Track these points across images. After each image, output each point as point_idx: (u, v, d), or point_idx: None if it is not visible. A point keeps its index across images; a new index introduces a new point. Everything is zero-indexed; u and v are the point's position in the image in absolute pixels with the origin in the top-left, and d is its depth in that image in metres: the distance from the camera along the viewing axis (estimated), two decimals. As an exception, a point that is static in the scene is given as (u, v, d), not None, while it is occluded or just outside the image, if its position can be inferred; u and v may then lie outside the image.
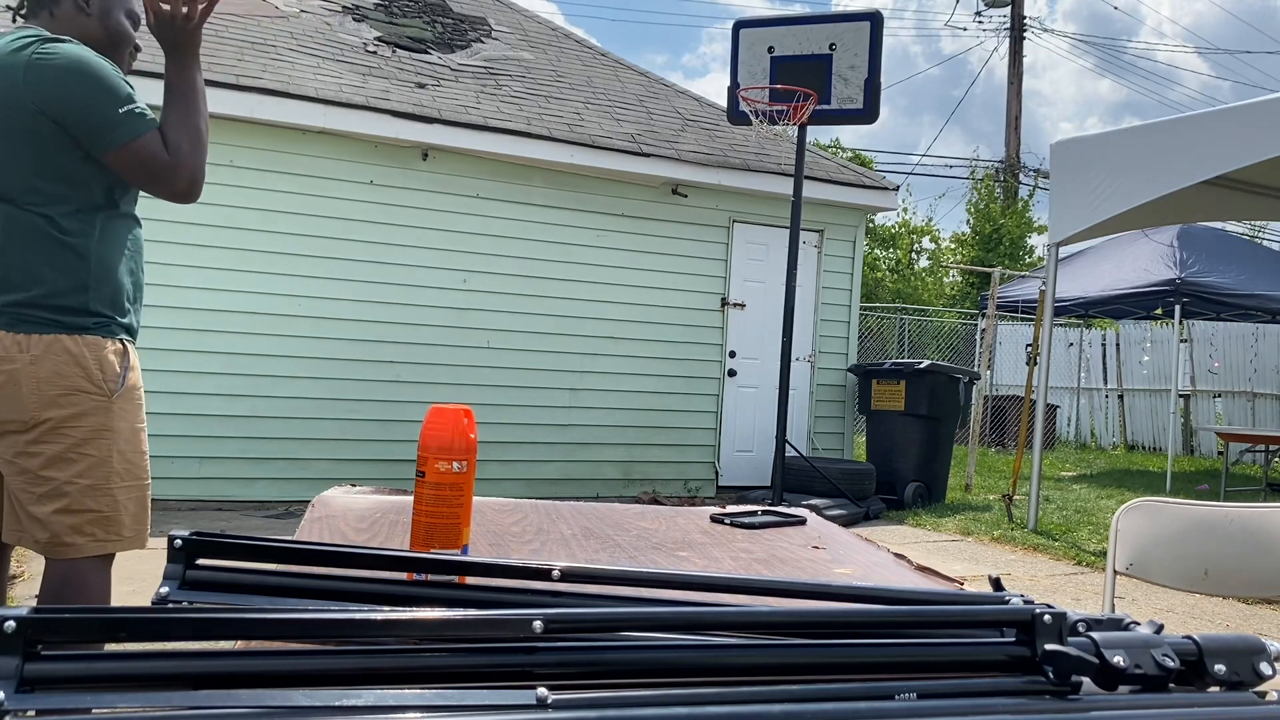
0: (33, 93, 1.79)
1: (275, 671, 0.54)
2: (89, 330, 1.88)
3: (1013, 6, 19.62)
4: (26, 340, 1.81)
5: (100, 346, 1.89)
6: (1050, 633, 0.63)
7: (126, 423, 1.93)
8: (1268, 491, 9.07)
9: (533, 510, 1.70)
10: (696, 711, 0.52)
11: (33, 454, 1.83)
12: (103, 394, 1.88)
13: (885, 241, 22.39)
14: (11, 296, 1.82)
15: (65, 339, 1.84)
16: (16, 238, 1.82)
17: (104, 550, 1.90)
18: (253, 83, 6.32)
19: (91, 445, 1.87)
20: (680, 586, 0.79)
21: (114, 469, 1.89)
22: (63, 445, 1.84)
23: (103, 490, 1.88)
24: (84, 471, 1.86)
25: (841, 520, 6.33)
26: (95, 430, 1.87)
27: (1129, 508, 2.23)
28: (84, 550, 1.87)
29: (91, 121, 1.81)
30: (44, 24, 1.94)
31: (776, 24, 6.12)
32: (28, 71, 1.79)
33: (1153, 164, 5.92)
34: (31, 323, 1.82)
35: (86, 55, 1.84)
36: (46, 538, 1.85)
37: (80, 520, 1.85)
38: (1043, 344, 6.67)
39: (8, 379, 1.80)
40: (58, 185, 1.83)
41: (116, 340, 1.92)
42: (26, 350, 1.81)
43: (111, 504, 1.89)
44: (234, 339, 6.39)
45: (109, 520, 1.89)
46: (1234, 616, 4.53)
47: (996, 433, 12.95)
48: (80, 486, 1.85)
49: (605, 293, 7.52)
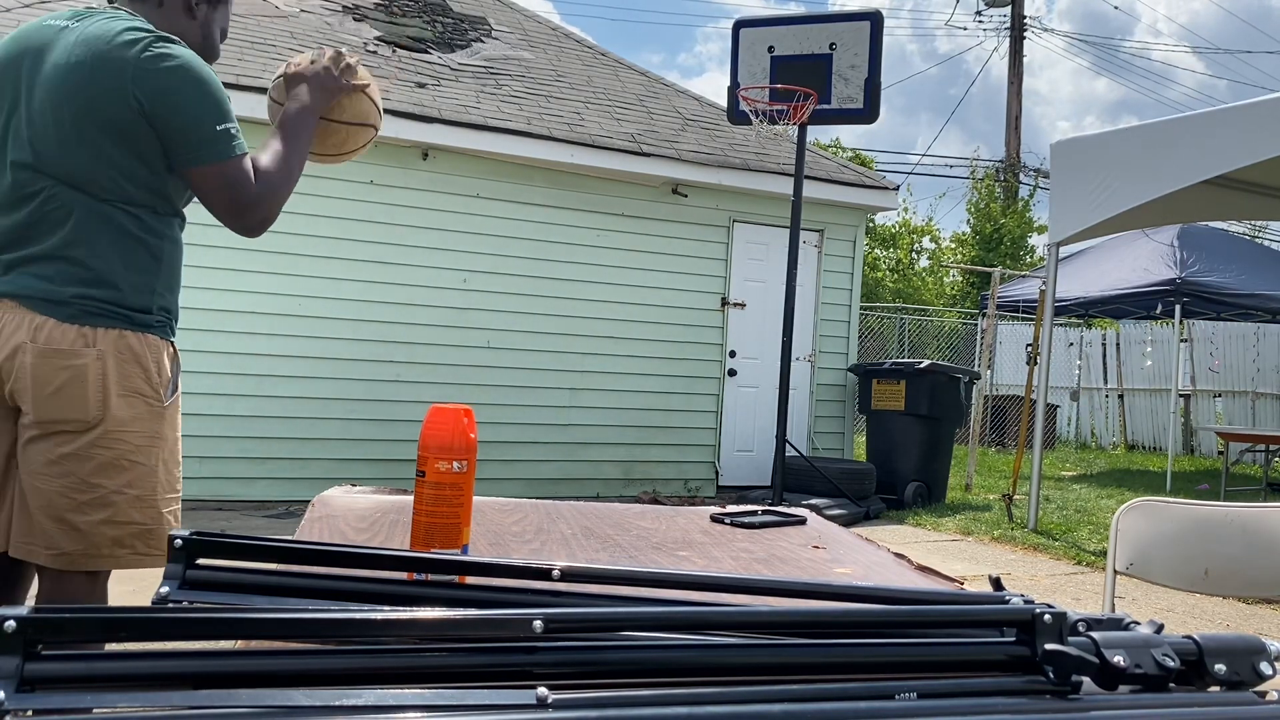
0: (140, 90, 1.70)
1: (275, 671, 0.54)
2: (152, 329, 1.78)
3: (1013, 6, 19.62)
4: (93, 334, 1.70)
5: (160, 348, 1.80)
6: (1050, 632, 0.63)
7: (173, 431, 1.83)
8: (1268, 491, 9.06)
9: (533, 510, 1.70)
10: (696, 711, 0.52)
11: (85, 457, 1.69)
12: (158, 398, 1.78)
13: (885, 241, 22.39)
14: (81, 290, 1.71)
15: (130, 335, 1.74)
16: (94, 230, 1.73)
17: (143, 565, 1.77)
18: (253, 82, 6.31)
19: (143, 453, 1.75)
20: (680, 586, 0.79)
21: (159, 480, 1.78)
22: (117, 451, 1.72)
23: (149, 502, 1.76)
24: (134, 481, 1.74)
25: (842, 520, 6.33)
26: (149, 437, 1.76)
27: (1129, 508, 2.23)
28: (122, 564, 1.74)
29: (188, 132, 1.73)
30: (148, 12, 1.85)
31: (776, 23, 6.12)
32: (138, 68, 1.70)
33: (1153, 164, 5.91)
34: (99, 315, 1.71)
35: (200, 64, 1.77)
36: (81, 549, 1.70)
37: (123, 532, 1.73)
38: (1043, 344, 6.67)
39: (73, 376, 1.68)
40: (141, 185, 1.75)
41: (170, 343, 1.84)
42: (93, 344, 1.70)
43: (155, 516, 1.77)
44: (234, 339, 6.39)
45: (150, 534, 1.77)
46: (1234, 616, 4.53)
47: (996, 433, 12.95)
48: (128, 497, 1.73)
49: (605, 293, 7.52)
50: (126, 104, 1.69)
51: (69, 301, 1.70)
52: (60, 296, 1.70)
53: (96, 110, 1.70)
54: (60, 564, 1.71)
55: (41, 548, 1.70)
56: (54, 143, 1.71)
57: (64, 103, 1.70)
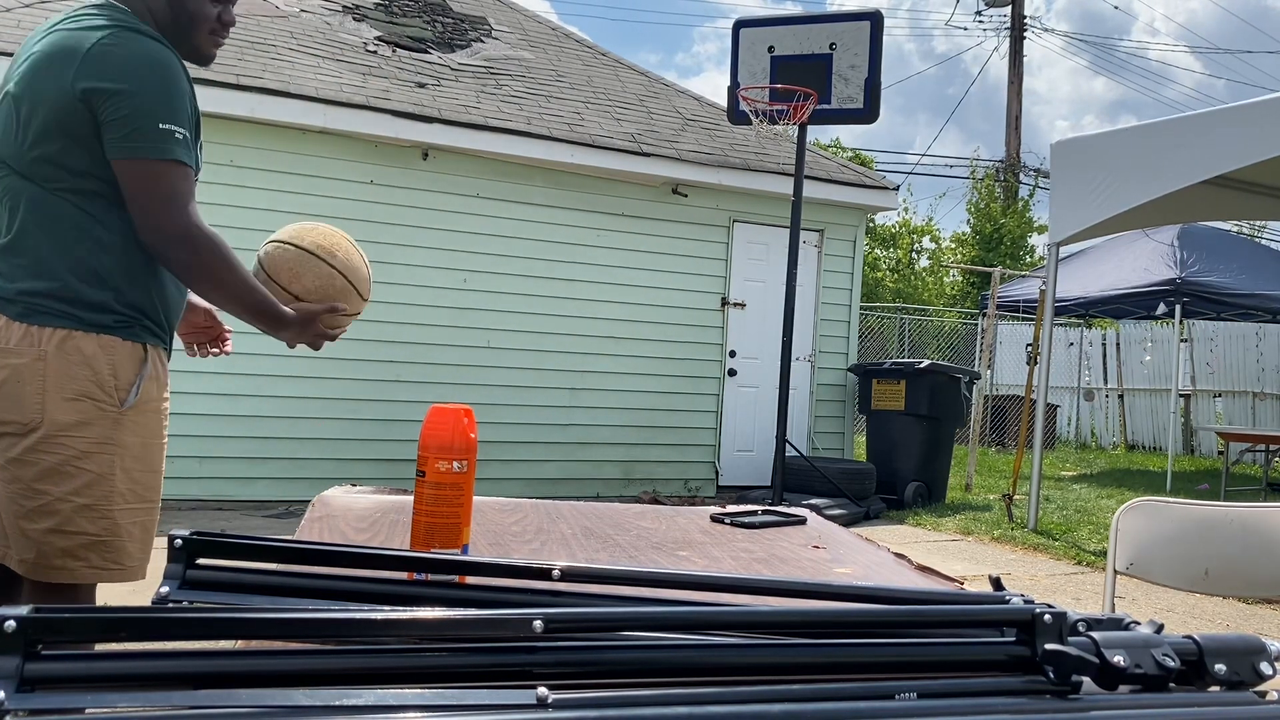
0: (84, 73, 1.62)
1: (275, 671, 0.54)
2: (108, 329, 1.68)
3: (1013, 6, 19.62)
4: (38, 333, 1.62)
5: (120, 349, 1.69)
6: (1050, 632, 0.63)
7: (138, 437, 1.72)
8: (1268, 491, 9.06)
9: (533, 510, 1.70)
10: (696, 711, 0.52)
11: (27, 462, 1.62)
12: (111, 402, 1.67)
13: (885, 241, 22.39)
14: (27, 284, 1.64)
15: (80, 336, 1.65)
16: (40, 221, 1.65)
17: (101, 579, 1.68)
18: (253, 82, 6.32)
19: (92, 460, 1.65)
20: (680, 586, 0.79)
21: (116, 488, 1.68)
22: (60, 456, 1.63)
23: (101, 511, 1.66)
24: (80, 489, 1.64)
25: (842, 520, 6.33)
26: (98, 443, 1.66)
27: (1129, 507, 2.23)
28: (78, 576, 1.65)
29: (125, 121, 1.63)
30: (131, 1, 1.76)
31: (776, 23, 6.12)
32: (88, 54, 1.63)
33: (1153, 164, 5.92)
34: (45, 314, 1.63)
35: (160, 59, 1.67)
36: (33, 557, 1.63)
37: (73, 543, 1.64)
38: (1043, 344, 6.67)
39: (10, 375, 1.61)
40: (94, 178, 1.66)
41: (138, 344, 1.72)
42: (36, 344, 1.62)
43: (110, 527, 1.67)
44: (234, 339, 6.37)
45: (107, 545, 1.67)
46: (1234, 616, 4.53)
47: (996, 433, 12.95)
48: (74, 505, 1.64)
49: (605, 293, 7.52)
50: (67, 88, 1.62)
51: (15, 299, 1.64)
52: (7, 293, 1.65)
53: (42, 96, 1.64)
54: (24, 572, 1.66)
55: (14, 553, 1.66)
56: (8, 132, 1.67)
57: (22, 94, 1.66)
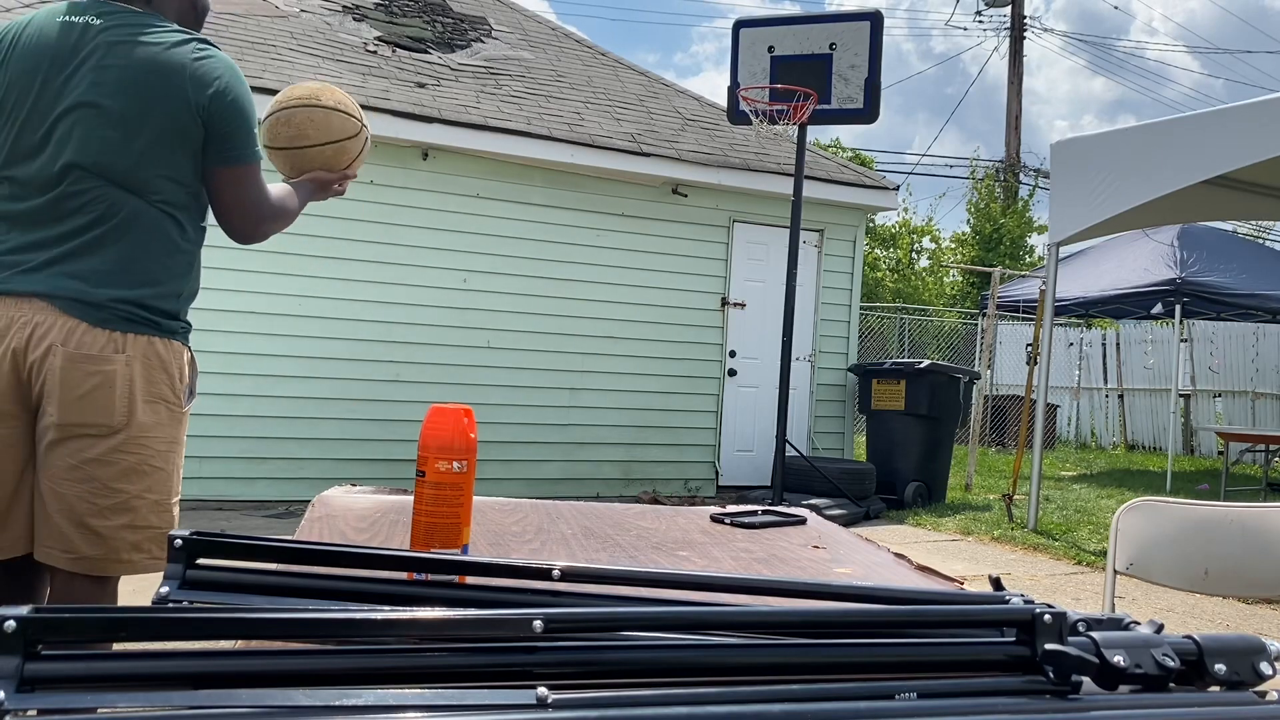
0: (198, 92, 1.75)
1: (275, 671, 0.54)
2: (176, 335, 1.82)
3: (1013, 6, 19.62)
4: (123, 339, 1.72)
5: (183, 354, 1.83)
6: (1050, 632, 0.63)
7: (185, 436, 1.87)
8: (1268, 491, 9.06)
9: (533, 510, 1.70)
10: (696, 711, 0.52)
11: (109, 462, 1.71)
12: (179, 404, 1.81)
13: (885, 241, 22.38)
14: (119, 292, 1.73)
15: (158, 342, 1.77)
16: (138, 232, 1.75)
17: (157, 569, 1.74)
18: (253, 82, 6.31)
19: (163, 458, 1.78)
20: (680, 586, 0.79)
21: (174, 485, 1.81)
22: (140, 456, 1.74)
23: (165, 506, 1.79)
24: (154, 486, 1.76)
25: (842, 520, 6.33)
26: (169, 443, 1.79)
27: (1129, 507, 2.23)
28: (138, 568, 1.75)
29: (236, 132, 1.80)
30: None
31: (776, 23, 6.12)
32: (193, 70, 1.76)
33: (1153, 164, 5.91)
34: (131, 321, 1.73)
35: (237, 67, 1.85)
36: (101, 553, 1.71)
37: (142, 537, 1.75)
38: (1043, 344, 6.67)
39: (103, 380, 1.70)
40: (186, 190, 1.80)
41: (188, 347, 1.87)
42: (123, 350, 1.72)
43: (170, 520, 1.80)
44: (234, 338, 6.39)
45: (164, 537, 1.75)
46: (1234, 616, 4.53)
47: (996, 433, 12.94)
48: (149, 502, 1.75)
49: (605, 293, 7.52)
50: (187, 108, 1.75)
51: (102, 305, 1.72)
52: (94, 299, 1.71)
53: (151, 111, 1.74)
54: (79, 568, 1.72)
55: (59, 551, 1.71)
56: (111, 145, 1.73)
57: (115, 108, 1.72)
